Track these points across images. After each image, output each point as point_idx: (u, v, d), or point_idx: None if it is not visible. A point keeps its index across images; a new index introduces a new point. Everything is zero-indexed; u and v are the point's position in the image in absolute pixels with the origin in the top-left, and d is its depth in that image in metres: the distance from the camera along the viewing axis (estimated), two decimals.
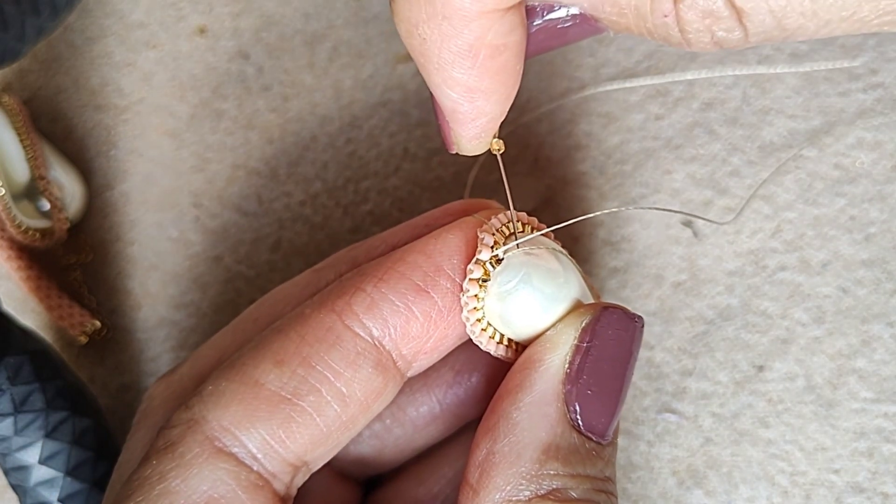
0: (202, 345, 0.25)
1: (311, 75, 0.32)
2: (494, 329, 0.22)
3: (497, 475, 0.20)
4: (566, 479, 0.20)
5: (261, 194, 0.32)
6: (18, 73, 0.33)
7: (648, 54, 0.31)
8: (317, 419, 0.21)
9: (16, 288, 0.32)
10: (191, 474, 0.20)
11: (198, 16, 0.33)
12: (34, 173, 0.31)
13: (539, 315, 0.22)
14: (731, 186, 0.30)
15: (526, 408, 0.21)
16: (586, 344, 0.21)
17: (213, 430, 0.20)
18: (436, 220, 0.24)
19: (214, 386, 0.21)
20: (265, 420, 0.20)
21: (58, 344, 0.32)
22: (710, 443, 0.29)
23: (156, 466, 0.20)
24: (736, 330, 0.29)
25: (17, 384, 0.26)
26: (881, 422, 0.29)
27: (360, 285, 0.21)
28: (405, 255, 0.22)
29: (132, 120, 0.33)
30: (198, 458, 0.20)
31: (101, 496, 0.27)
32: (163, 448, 0.21)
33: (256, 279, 0.31)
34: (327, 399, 0.21)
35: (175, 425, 0.21)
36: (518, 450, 0.20)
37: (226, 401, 0.21)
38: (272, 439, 0.20)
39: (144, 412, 0.24)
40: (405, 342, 0.21)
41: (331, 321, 0.21)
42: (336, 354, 0.21)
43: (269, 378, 0.21)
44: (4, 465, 0.27)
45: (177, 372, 0.24)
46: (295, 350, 0.21)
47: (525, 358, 0.22)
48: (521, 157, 0.31)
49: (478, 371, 0.25)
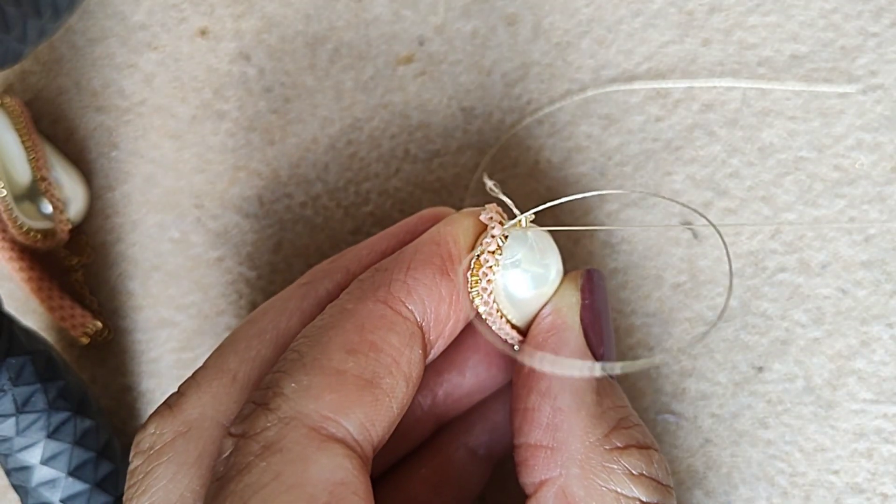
0: (195, 374, 0.24)
1: (312, 77, 0.32)
2: (500, 308, 0.24)
3: (572, 423, 0.23)
4: (620, 409, 0.23)
5: (262, 195, 0.32)
6: (20, 74, 0.33)
7: (648, 56, 0.31)
8: (392, 400, 0.21)
9: (17, 289, 0.32)
10: (309, 465, 0.20)
11: (199, 17, 0.33)
12: (36, 175, 0.31)
13: (541, 284, 0.24)
14: (731, 188, 0.30)
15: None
16: (586, 301, 0.24)
17: (314, 422, 0.20)
18: (414, 226, 0.26)
19: (297, 383, 0.21)
20: (359, 403, 0.21)
21: (59, 345, 0.32)
22: (709, 443, 0.29)
23: (266, 468, 0.20)
24: (735, 331, 0.30)
25: (20, 385, 0.26)
26: (880, 423, 0.29)
27: (392, 276, 0.23)
28: (420, 247, 0.23)
29: (134, 121, 0.33)
30: (308, 450, 0.20)
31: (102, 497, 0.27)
32: (263, 451, 0.20)
33: (258, 280, 0.32)
34: (398, 380, 0.22)
35: (266, 427, 0.20)
36: (580, 397, 0.23)
37: (316, 392, 0.21)
38: (367, 421, 0.21)
39: (156, 451, 0.23)
40: (435, 325, 0.23)
41: (381, 309, 0.22)
42: (395, 338, 0.22)
43: (349, 365, 0.21)
44: (6, 465, 0.27)
45: (180, 404, 0.23)
46: (360, 338, 0.22)
47: (548, 325, 0.24)
48: (522, 159, 0.31)
49: (455, 369, 0.27)
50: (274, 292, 0.31)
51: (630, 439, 0.23)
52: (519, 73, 0.31)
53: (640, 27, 0.31)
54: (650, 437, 0.23)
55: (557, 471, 0.22)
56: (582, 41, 0.31)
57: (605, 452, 0.22)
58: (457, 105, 0.32)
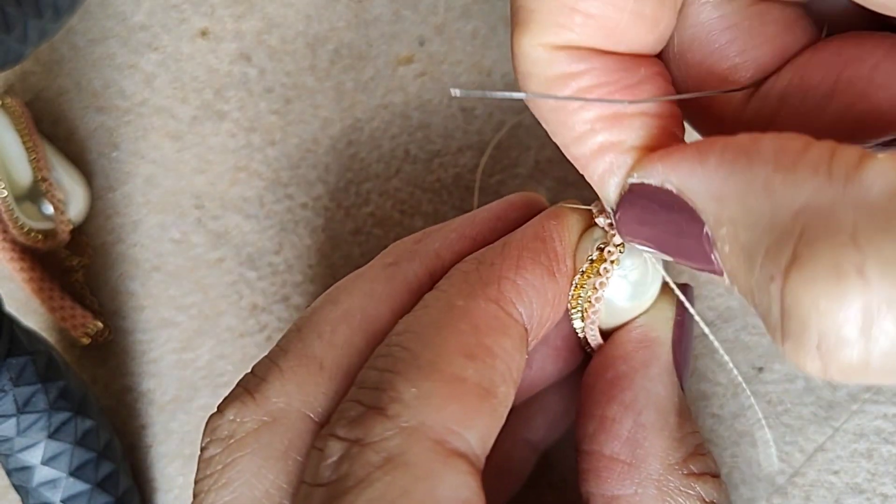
0: (273, 358, 0.22)
1: (312, 77, 0.32)
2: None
3: (654, 443, 0.22)
4: (696, 435, 0.23)
5: (262, 196, 0.32)
6: (21, 75, 0.33)
7: None
8: (504, 410, 0.20)
9: (18, 289, 0.32)
10: (437, 484, 0.18)
11: (200, 18, 0.33)
12: (37, 175, 0.31)
13: (637, 297, 0.23)
14: None
15: (659, 378, 0.23)
16: (679, 318, 0.24)
17: (439, 434, 0.19)
18: (504, 212, 0.24)
19: (417, 388, 0.19)
20: (479, 415, 0.20)
21: (60, 345, 0.32)
22: (709, 444, 0.29)
23: (392, 483, 0.18)
24: (736, 331, 0.30)
25: (20, 385, 0.26)
26: (880, 423, 0.29)
27: (501, 273, 0.22)
28: (526, 243, 0.22)
29: (134, 122, 0.33)
30: (436, 465, 0.19)
31: (103, 497, 0.27)
32: (385, 463, 0.18)
33: (258, 281, 0.32)
34: (510, 388, 0.21)
35: (386, 437, 0.19)
36: (664, 416, 0.22)
37: (439, 402, 0.19)
38: (486, 435, 0.20)
39: (238, 440, 0.21)
40: (538, 327, 0.22)
41: (494, 310, 0.21)
42: (508, 342, 0.21)
43: (469, 373, 0.20)
44: (7, 465, 0.27)
45: (263, 390, 0.21)
46: (477, 342, 0.20)
47: (641, 335, 0.23)
48: (522, 159, 0.31)
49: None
50: (274, 293, 0.31)
51: (705, 467, 0.22)
52: None
53: None
54: (718, 466, 0.23)
55: (633, 488, 0.22)
56: None
57: (683, 477, 0.22)
58: (457, 105, 0.32)
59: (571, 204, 0.24)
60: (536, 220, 0.23)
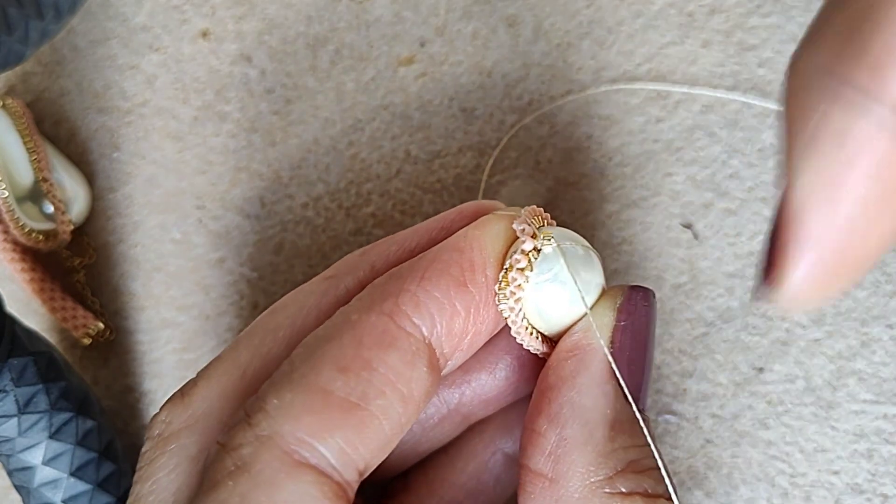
0: (210, 364, 0.23)
1: (313, 78, 0.32)
2: (529, 322, 0.23)
3: (575, 459, 0.21)
4: (636, 449, 0.21)
5: (263, 196, 0.32)
6: (22, 75, 0.33)
7: (649, 57, 0.31)
8: (383, 422, 0.20)
9: (20, 290, 0.32)
10: (276, 492, 0.19)
11: (201, 19, 0.33)
12: (38, 176, 0.31)
13: (576, 302, 0.22)
14: (731, 188, 0.30)
15: (587, 389, 0.22)
16: (622, 323, 0.22)
17: (289, 444, 0.19)
18: (451, 223, 0.24)
19: (279, 399, 0.20)
20: (340, 428, 0.20)
21: (61, 345, 0.32)
22: (709, 444, 0.29)
23: (233, 489, 0.19)
24: (736, 332, 0.30)
25: (22, 385, 0.26)
26: (881, 423, 0.29)
27: (402, 286, 0.21)
28: (439, 254, 0.22)
29: (135, 122, 0.33)
30: (279, 475, 0.19)
31: (104, 497, 0.27)
32: (235, 469, 0.19)
33: (259, 281, 0.32)
34: (392, 401, 0.20)
35: (242, 444, 0.20)
36: (589, 430, 0.21)
37: (297, 412, 0.20)
38: (348, 447, 0.20)
39: (163, 438, 0.22)
40: (448, 339, 0.22)
41: (383, 323, 0.21)
42: (395, 356, 0.21)
43: (337, 385, 0.20)
44: (8, 466, 0.27)
45: (192, 394, 0.23)
46: (354, 355, 0.20)
47: (572, 344, 0.22)
48: (522, 160, 0.31)
49: (485, 370, 0.25)
50: (275, 293, 0.31)
51: (636, 485, 0.21)
52: (520, 74, 0.31)
53: (641, 28, 0.31)
54: (664, 484, 0.21)
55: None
56: (582, 42, 0.31)
57: (606, 496, 0.21)
58: (458, 106, 0.32)
59: (505, 212, 0.23)
60: (463, 230, 0.23)
